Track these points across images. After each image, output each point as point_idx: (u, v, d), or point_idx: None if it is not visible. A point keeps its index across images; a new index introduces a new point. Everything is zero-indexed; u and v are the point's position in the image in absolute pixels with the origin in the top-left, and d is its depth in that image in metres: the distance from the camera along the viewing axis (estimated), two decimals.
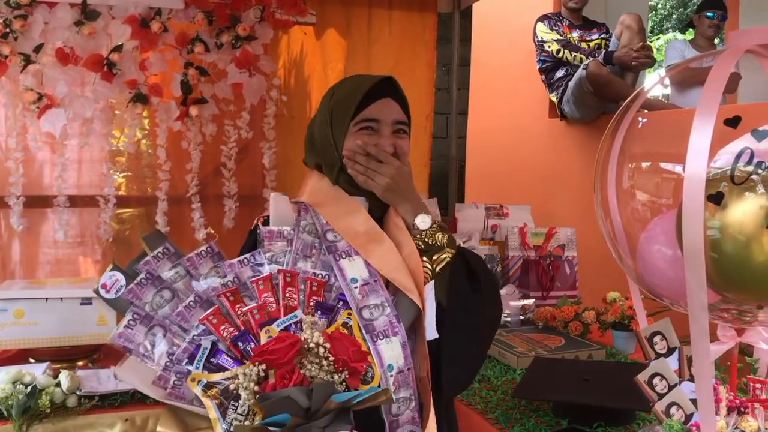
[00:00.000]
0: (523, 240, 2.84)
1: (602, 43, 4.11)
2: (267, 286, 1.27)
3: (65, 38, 2.63)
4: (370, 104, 1.43)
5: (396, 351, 1.27)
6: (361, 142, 1.42)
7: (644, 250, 1.32)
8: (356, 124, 1.43)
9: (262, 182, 3.10)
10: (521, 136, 4.67)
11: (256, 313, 1.24)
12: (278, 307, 1.26)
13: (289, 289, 1.27)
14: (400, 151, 1.45)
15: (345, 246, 1.35)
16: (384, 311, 1.29)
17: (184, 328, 1.27)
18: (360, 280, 1.32)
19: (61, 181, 2.79)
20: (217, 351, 1.23)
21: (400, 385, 1.27)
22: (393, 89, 1.48)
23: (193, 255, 1.31)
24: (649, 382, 1.34)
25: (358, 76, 1.53)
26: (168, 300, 1.30)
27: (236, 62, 2.84)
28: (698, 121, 1.07)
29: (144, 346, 1.28)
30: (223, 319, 1.25)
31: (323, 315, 1.26)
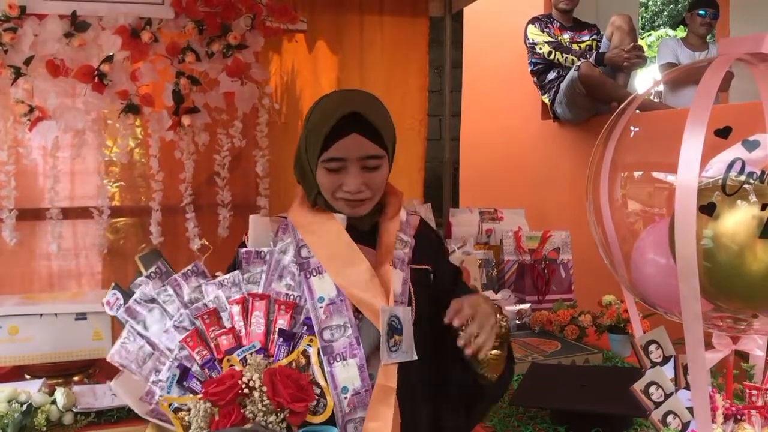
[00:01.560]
0: (518, 244, 2.84)
1: (593, 44, 4.12)
2: (213, 320, 1.29)
3: (55, 50, 2.62)
4: (336, 142, 1.36)
5: (351, 373, 1.28)
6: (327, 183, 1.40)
7: (637, 259, 1.32)
8: (324, 161, 1.39)
9: (256, 190, 3.09)
10: (514, 138, 4.67)
11: (223, 339, 1.26)
12: (246, 332, 1.27)
13: (256, 314, 1.27)
14: (371, 185, 1.41)
15: (316, 263, 1.36)
16: (345, 332, 1.30)
17: (170, 348, 1.29)
18: (326, 299, 1.32)
19: (54, 194, 2.78)
20: (189, 374, 1.25)
21: (356, 406, 1.28)
22: (361, 123, 1.37)
23: (179, 275, 1.33)
24: (645, 390, 1.34)
25: (332, 102, 1.43)
26: (157, 320, 1.31)
27: (227, 71, 2.83)
28: (689, 131, 1.07)
29: (136, 362, 1.31)
30: (199, 341, 1.27)
31: (285, 342, 1.26)
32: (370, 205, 1.45)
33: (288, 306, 1.29)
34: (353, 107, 1.37)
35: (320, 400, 1.23)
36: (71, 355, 2.10)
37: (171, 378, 1.24)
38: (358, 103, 1.39)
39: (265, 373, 1.17)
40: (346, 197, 1.41)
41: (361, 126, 1.37)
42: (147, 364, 1.30)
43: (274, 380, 1.16)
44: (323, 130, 1.37)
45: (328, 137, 1.36)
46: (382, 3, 3.39)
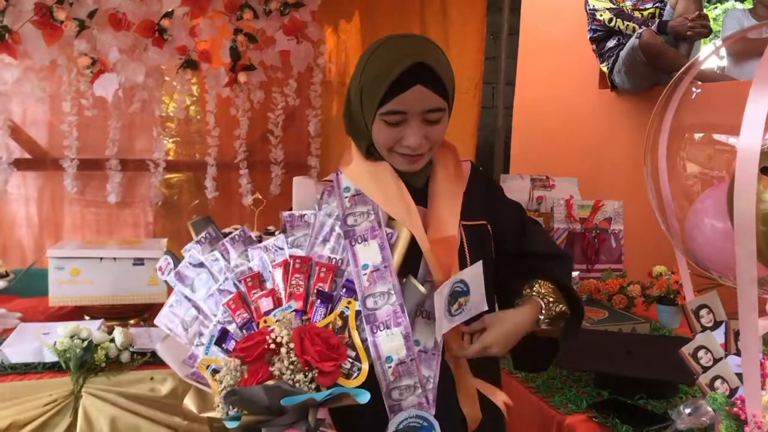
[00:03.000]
0: (569, 212, 2.81)
1: (656, 12, 3.99)
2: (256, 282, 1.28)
3: (117, 4, 2.67)
4: (399, 94, 1.27)
5: (396, 342, 1.23)
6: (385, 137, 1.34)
7: (694, 222, 1.30)
8: (383, 114, 1.30)
9: (308, 150, 3.13)
10: (570, 107, 4.58)
11: (263, 301, 1.24)
12: (286, 294, 1.25)
13: (297, 276, 1.24)
14: (432, 139, 1.35)
15: (363, 230, 1.30)
16: (389, 300, 1.25)
17: (214, 312, 1.29)
18: (371, 266, 1.27)
19: (113, 145, 2.86)
20: (228, 336, 1.24)
21: (401, 374, 1.25)
22: (426, 74, 1.28)
23: (227, 241, 1.32)
24: (694, 354, 1.33)
25: (392, 49, 1.31)
26: (204, 283, 1.32)
27: (284, 29, 2.86)
28: (754, 92, 1.04)
29: (182, 325, 1.33)
30: (240, 304, 1.26)
31: (323, 304, 1.23)
32: (427, 158, 1.39)
33: (329, 269, 1.26)
34: (418, 57, 1.27)
35: (354, 363, 1.19)
36: (128, 299, 2.18)
37: (210, 339, 1.24)
38: (421, 52, 1.29)
39: (295, 330, 1.13)
40: (406, 152, 1.34)
41: (425, 77, 1.28)
42: (192, 328, 1.31)
43: (302, 337, 1.12)
44: (384, 81, 1.27)
45: (390, 89, 1.27)
46: None
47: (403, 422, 1.25)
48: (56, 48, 2.65)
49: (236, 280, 1.28)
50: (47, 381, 1.80)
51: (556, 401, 1.73)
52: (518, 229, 1.53)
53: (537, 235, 1.55)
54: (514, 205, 1.58)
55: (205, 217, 1.40)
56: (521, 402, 1.79)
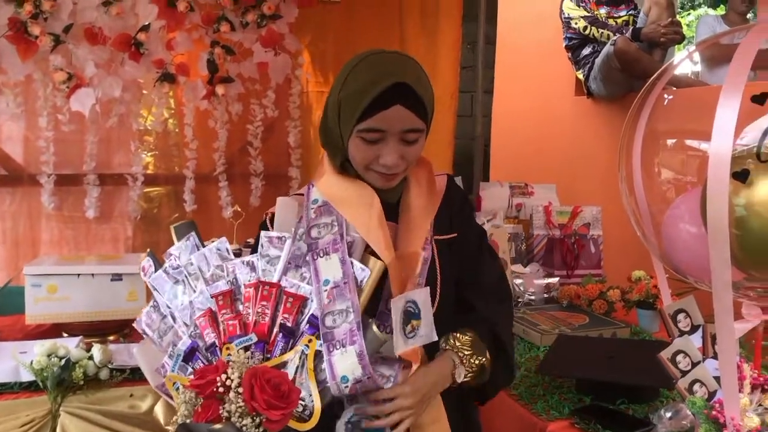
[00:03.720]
0: (548, 218, 2.83)
1: (630, 19, 4.05)
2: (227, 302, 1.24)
3: (93, 18, 2.66)
4: (378, 112, 1.26)
5: (351, 361, 1.19)
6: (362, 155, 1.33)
7: (669, 227, 1.32)
8: (360, 131, 1.29)
9: (288, 161, 3.13)
10: (547, 115, 4.63)
11: (230, 324, 1.21)
12: (251, 321, 1.21)
13: (263, 304, 1.21)
14: (408, 158, 1.33)
15: (325, 243, 1.28)
16: (347, 318, 1.22)
17: (187, 324, 1.27)
18: (331, 282, 1.24)
19: (91, 160, 2.84)
20: (195, 355, 1.21)
21: (359, 393, 1.25)
22: (406, 94, 1.27)
23: (206, 250, 1.29)
24: (672, 359, 1.34)
25: (373, 66, 1.30)
26: (182, 292, 1.29)
27: (262, 41, 2.86)
28: (724, 97, 1.06)
29: (158, 333, 1.31)
30: (210, 322, 1.23)
31: (284, 338, 1.20)
32: (402, 176, 1.39)
33: (296, 300, 1.21)
34: (400, 77, 1.26)
35: (307, 407, 1.16)
36: (107, 315, 2.16)
37: (178, 356, 1.22)
38: (402, 71, 1.28)
39: (247, 372, 1.10)
40: (382, 170, 1.33)
41: (405, 97, 1.27)
42: (167, 337, 1.29)
43: (252, 383, 1.09)
44: (364, 98, 1.26)
45: (369, 107, 1.26)
46: None
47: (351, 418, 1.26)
48: (31, 63, 2.63)
49: (209, 296, 1.25)
50: (24, 401, 1.77)
51: (538, 408, 1.73)
52: (475, 252, 1.52)
53: (490, 267, 1.53)
54: (478, 228, 1.58)
55: (188, 222, 1.38)
56: (503, 409, 1.79)
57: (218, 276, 1.27)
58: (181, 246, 1.32)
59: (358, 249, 1.25)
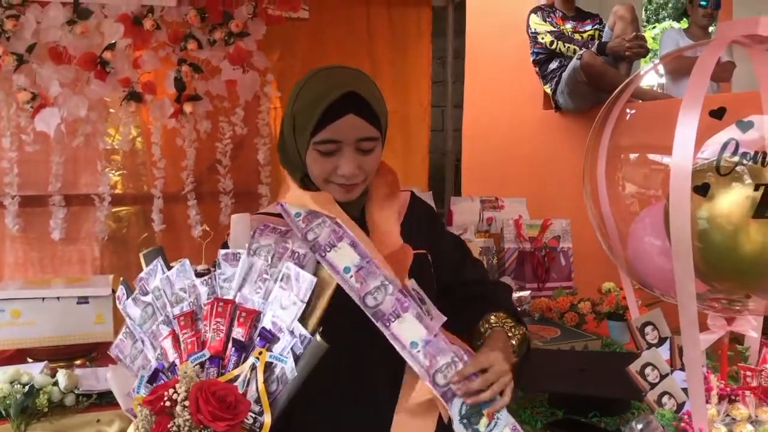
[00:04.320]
0: (518, 232, 2.84)
1: (595, 34, 4.10)
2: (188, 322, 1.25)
3: (58, 37, 2.63)
4: (331, 123, 1.28)
5: (412, 326, 1.23)
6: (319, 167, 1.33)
7: (634, 241, 1.33)
8: (316, 143, 1.30)
9: (258, 178, 3.11)
10: (516, 128, 4.66)
11: (189, 342, 1.22)
12: (208, 338, 1.23)
13: (218, 320, 1.22)
14: (366, 168, 1.34)
15: (326, 238, 1.29)
16: (387, 291, 1.25)
17: (155, 346, 1.28)
18: (353, 267, 1.26)
19: (56, 181, 2.80)
20: (159, 376, 1.23)
21: (434, 354, 1.24)
22: (358, 103, 1.29)
23: (170, 273, 1.30)
24: (641, 372, 1.35)
25: (324, 79, 1.33)
26: (149, 316, 1.30)
27: (229, 59, 2.84)
28: (684, 113, 1.07)
29: (130, 358, 1.32)
30: (174, 343, 1.25)
31: (237, 353, 1.21)
32: (362, 188, 1.39)
33: (249, 314, 1.22)
34: (350, 86, 1.28)
35: (257, 418, 1.16)
36: (73, 339, 2.12)
37: (142, 378, 1.23)
38: (353, 81, 1.31)
39: (194, 387, 1.12)
40: (341, 181, 1.33)
41: (357, 106, 1.29)
42: (137, 361, 1.31)
43: (197, 395, 1.11)
44: (316, 110, 1.28)
45: (322, 118, 1.28)
46: None
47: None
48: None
49: (172, 317, 1.27)
50: None
51: None
52: (459, 259, 1.53)
53: (478, 267, 1.57)
54: (454, 237, 1.60)
55: (156, 248, 1.38)
56: None
57: (181, 298, 1.28)
58: (149, 271, 1.33)
59: (310, 263, 1.25)
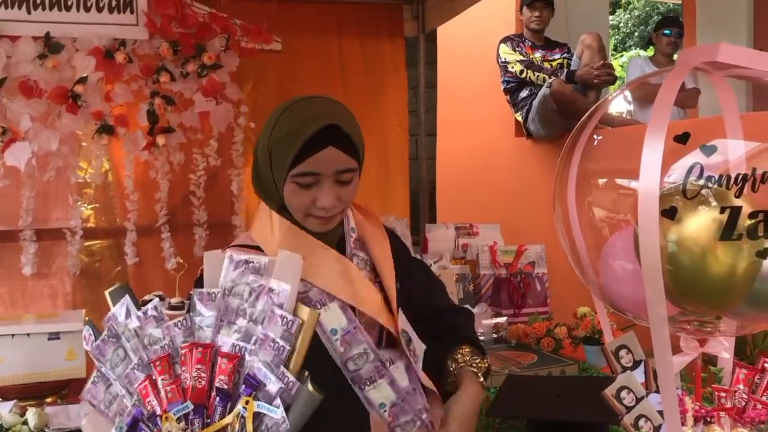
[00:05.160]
0: (493, 258, 2.86)
1: (564, 62, 4.19)
2: (165, 366, 1.19)
3: (29, 71, 2.61)
4: (310, 156, 1.27)
5: (385, 391, 1.33)
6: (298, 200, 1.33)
7: (605, 265, 1.35)
8: (294, 176, 1.30)
9: (232, 209, 3.10)
10: (489, 155, 4.72)
11: (169, 390, 1.16)
12: (188, 386, 1.17)
13: (198, 367, 1.16)
14: (344, 199, 1.35)
15: (317, 295, 1.32)
16: (368, 358, 1.33)
17: (130, 391, 1.22)
18: (339, 330, 1.32)
19: (27, 215, 2.76)
20: (139, 428, 1.17)
21: (397, 414, 1.34)
22: (337, 135, 1.29)
23: (141, 314, 1.24)
24: (617, 395, 1.35)
25: (301, 111, 1.32)
26: (122, 359, 1.24)
27: (203, 91, 2.85)
28: (649, 137, 1.10)
29: (104, 404, 1.26)
30: (151, 389, 1.18)
31: (222, 402, 1.15)
32: (340, 218, 1.40)
33: (231, 359, 1.16)
34: (330, 119, 1.28)
35: None
36: (44, 376, 2.08)
37: (121, 428, 1.18)
38: (331, 113, 1.30)
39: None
40: (320, 214, 1.33)
41: (336, 139, 1.29)
42: (113, 407, 1.24)
43: None
44: (295, 143, 1.27)
45: (301, 151, 1.27)
46: (359, 24, 3.44)
47: None
48: None
49: (148, 362, 1.20)
50: None
51: None
52: (428, 287, 1.60)
53: (443, 293, 1.66)
54: (421, 263, 1.68)
55: (122, 285, 1.31)
56: None
57: (155, 339, 1.22)
58: (117, 311, 1.26)
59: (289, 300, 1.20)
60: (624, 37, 15.39)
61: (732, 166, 1.16)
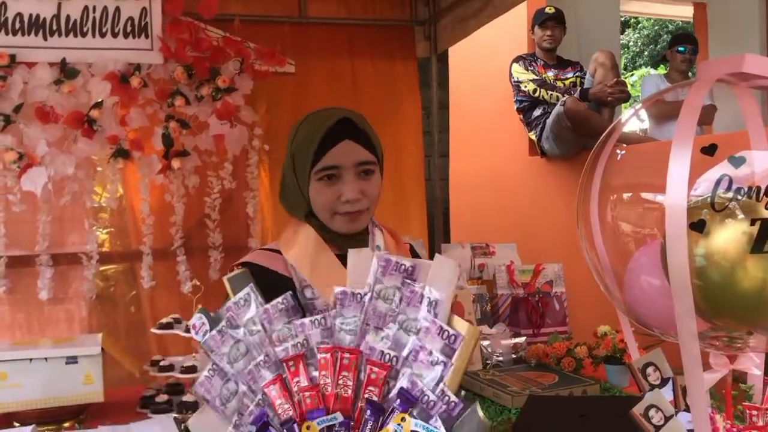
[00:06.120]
0: (510, 278, 2.83)
1: (577, 80, 4.19)
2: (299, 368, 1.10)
3: (45, 97, 2.64)
4: (329, 150, 1.36)
5: None
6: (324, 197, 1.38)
7: (631, 281, 1.32)
8: (317, 173, 1.37)
9: (247, 232, 3.10)
10: (503, 175, 4.71)
11: (307, 396, 1.07)
12: (330, 393, 1.08)
13: (344, 375, 1.08)
14: (368, 193, 1.40)
15: (323, 304, 1.32)
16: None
17: (253, 389, 1.15)
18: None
19: (43, 240, 2.77)
20: (269, 430, 1.08)
21: None
22: (353, 130, 1.39)
23: (269, 307, 1.17)
24: (645, 414, 1.32)
25: (317, 116, 1.42)
26: (243, 354, 1.17)
27: (217, 114, 2.86)
28: (676, 149, 1.08)
29: (220, 400, 1.17)
30: (282, 391, 1.10)
31: (372, 415, 1.06)
32: (367, 218, 1.43)
33: (381, 369, 1.07)
34: (342, 114, 1.38)
35: None
36: (62, 401, 2.06)
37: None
38: (344, 111, 1.40)
39: None
40: (346, 209, 1.38)
41: (352, 132, 1.37)
42: (231, 404, 1.16)
43: None
44: (314, 140, 1.35)
45: (320, 147, 1.35)
46: (371, 45, 3.46)
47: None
48: None
49: (278, 360, 1.13)
50: None
51: None
52: None
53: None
54: None
55: (243, 272, 1.27)
56: None
57: (284, 336, 1.14)
58: (239, 301, 1.19)
59: (443, 309, 1.10)
60: (634, 56, 15.43)
61: (760, 177, 1.14)
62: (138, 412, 2.16)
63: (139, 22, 2.78)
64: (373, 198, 1.41)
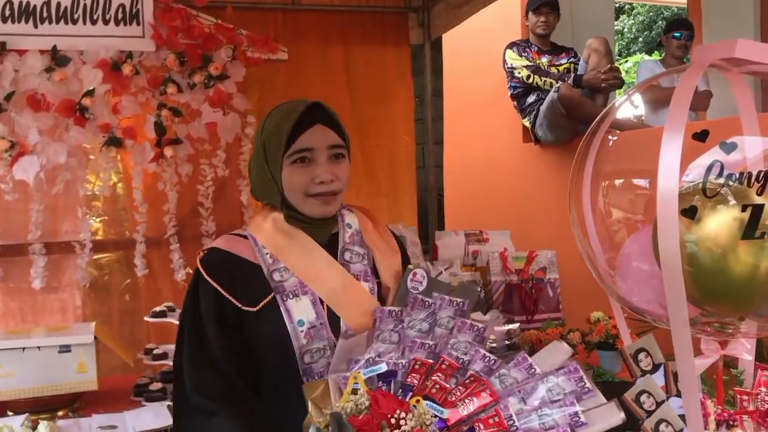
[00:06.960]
0: (504, 264, 2.83)
1: (571, 67, 4.17)
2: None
3: (36, 85, 2.62)
4: (301, 134, 1.38)
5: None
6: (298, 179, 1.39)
7: (623, 267, 1.32)
8: (289, 157, 1.39)
9: (241, 220, 3.09)
10: (497, 162, 4.70)
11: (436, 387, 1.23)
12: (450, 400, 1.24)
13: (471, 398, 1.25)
14: (340, 176, 1.42)
15: (292, 285, 1.38)
16: (324, 354, 1.36)
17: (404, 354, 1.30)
18: (306, 323, 1.36)
19: (36, 229, 2.76)
20: (392, 377, 1.23)
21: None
22: (322, 115, 1.42)
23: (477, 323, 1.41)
24: (637, 399, 1.33)
25: (285, 105, 1.45)
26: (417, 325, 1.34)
27: (210, 101, 2.85)
28: (667, 135, 1.08)
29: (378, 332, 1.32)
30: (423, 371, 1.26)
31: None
32: (339, 202, 1.46)
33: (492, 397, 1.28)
34: (312, 100, 1.42)
35: None
36: (55, 389, 2.07)
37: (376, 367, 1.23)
38: (312, 100, 1.43)
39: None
40: (320, 190, 1.39)
41: (322, 117, 1.40)
42: (381, 346, 1.31)
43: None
44: (286, 126, 1.37)
45: (293, 132, 1.37)
46: (364, 32, 3.45)
47: None
48: None
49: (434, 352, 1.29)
50: None
51: None
52: None
53: None
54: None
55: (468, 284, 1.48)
56: None
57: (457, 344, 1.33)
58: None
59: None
60: (628, 42, 15.38)
61: (751, 163, 1.14)
62: (132, 400, 2.17)
63: (131, 9, 2.76)
64: (344, 181, 1.44)
